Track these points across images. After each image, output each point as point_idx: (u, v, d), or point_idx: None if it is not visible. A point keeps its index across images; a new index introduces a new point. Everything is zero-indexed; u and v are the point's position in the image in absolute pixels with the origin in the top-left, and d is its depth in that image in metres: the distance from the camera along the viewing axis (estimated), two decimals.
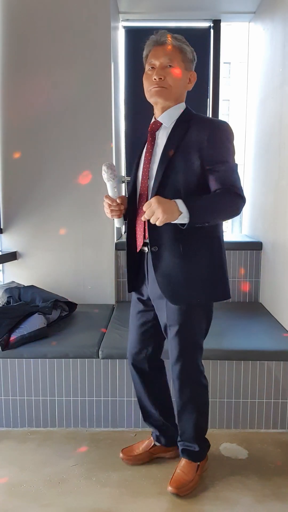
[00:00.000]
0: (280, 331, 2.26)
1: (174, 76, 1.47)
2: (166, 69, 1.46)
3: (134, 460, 1.78)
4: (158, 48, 1.48)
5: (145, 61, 1.52)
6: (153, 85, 1.46)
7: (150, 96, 1.50)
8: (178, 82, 1.49)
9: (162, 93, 1.46)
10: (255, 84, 3.13)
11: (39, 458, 1.85)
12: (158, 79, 1.45)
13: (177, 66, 1.47)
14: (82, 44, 2.63)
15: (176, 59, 1.47)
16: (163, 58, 1.46)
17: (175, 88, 1.48)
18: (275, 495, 1.63)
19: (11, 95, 2.67)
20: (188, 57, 1.51)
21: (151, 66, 1.48)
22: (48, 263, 2.79)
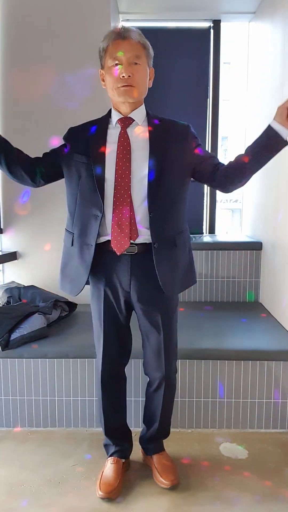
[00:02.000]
0: (280, 331, 2.26)
1: (142, 73, 1.44)
2: (133, 66, 1.41)
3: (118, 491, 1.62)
4: (122, 42, 1.41)
5: (104, 54, 1.45)
6: (121, 82, 1.42)
7: (118, 94, 1.44)
8: (145, 80, 1.47)
9: (132, 91, 1.43)
10: (255, 84, 3.13)
11: (39, 458, 1.85)
12: (127, 77, 1.40)
13: (142, 63, 1.44)
14: (82, 44, 2.63)
15: (141, 55, 1.43)
16: (129, 54, 1.40)
17: (142, 86, 1.47)
18: (275, 495, 1.63)
19: (11, 95, 2.67)
20: (150, 53, 1.49)
21: (115, 62, 1.41)
22: (48, 263, 2.79)
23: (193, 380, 2.03)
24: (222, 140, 16.90)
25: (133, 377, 2.02)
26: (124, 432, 1.76)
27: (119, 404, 1.72)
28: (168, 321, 1.61)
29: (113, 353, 1.64)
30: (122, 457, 1.71)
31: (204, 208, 3.39)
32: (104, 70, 1.48)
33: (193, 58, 3.25)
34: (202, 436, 2.00)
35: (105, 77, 1.48)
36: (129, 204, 1.45)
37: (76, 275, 1.57)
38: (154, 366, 1.64)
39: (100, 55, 1.48)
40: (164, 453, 1.75)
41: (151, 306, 1.57)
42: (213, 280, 2.88)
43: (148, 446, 1.77)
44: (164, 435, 1.78)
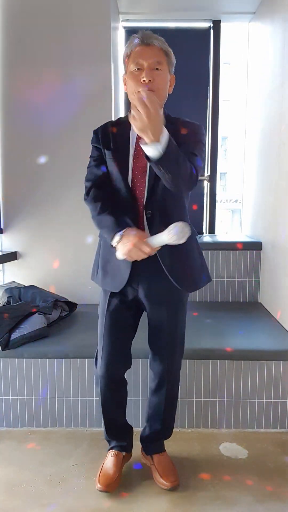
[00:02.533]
0: (280, 331, 2.26)
1: (162, 79, 1.47)
2: (154, 72, 1.44)
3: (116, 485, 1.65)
4: (144, 48, 1.44)
5: (127, 59, 1.49)
6: (142, 87, 1.44)
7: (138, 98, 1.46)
8: (165, 86, 1.50)
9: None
10: (255, 84, 3.13)
11: (39, 458, 1.85)
12: (148, 81, 1.43)
13: (164, 69, 1.47)
14: (82, 44, 2.64)
15: (163, 61, 1.46)
16: (151, 59, 1.43)
17: (162, 91, 1.49)
18: (275, 495, 1.63)
19: (11, 95, 2.67)
20: (172, 61, 1.52)
21: (137, 67, 1.44)
22: (48, 263, 2.79)
23: (193, 380, 2.03)
24: (222, 140, 16.90)
25: (133, 377, 2.02)
26: (124, 429, 1.77)
27: (120, 407, 1.73)
28: (176, 319, 1.63)
29: (113, 357, 1.62)
30: (123, 451, 1.73)
31: (204, 208, 3.40)
32: (127, 75, 1.50)
33: (193, 58, 3.25)
34: (202, 436, 2.00)
35: (127, 81, 1.50)
36: (142, 204, 1.51)
37: (118, 270, 1.56)
38: (159, 361, 1.65)
39: (124, 60, 1.52)
40: (165, 453, 1.75)
41: (159, 302, 1.58)
42: (213, 280, 2.87)
43: (149, 445, 1.77)
44: (166, 435, 1.78)
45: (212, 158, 3.31)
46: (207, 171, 3.33)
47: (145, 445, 1.78)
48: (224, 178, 20.67)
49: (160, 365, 1.65)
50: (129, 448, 1.77)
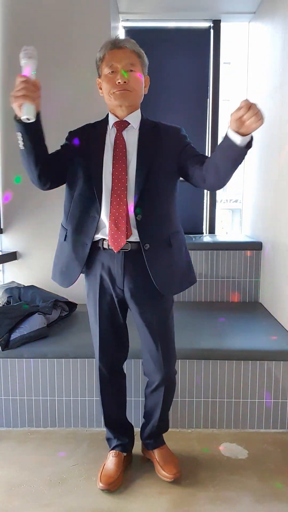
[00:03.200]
0: (280, 331, 2.26)
1: (137, 80, 1.50)
2: (128, 73, 1.47)
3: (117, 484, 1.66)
4: (117, 51, 1.48)
5: (101, 63, 1.52)
6: (116, 88, 1.47)
7: (114, 98, 1.49)
8: (140, 86, 1.53)
9: (127, 95, 1.49)
10: (255, 84, 3.13)
11: (39, 458, 1.85)
12: (123, 82, 1.46)
13: (137, 70, 1.50)
14: (82, 44, 2.64)
15: (136, 63, 1.49)
16: (124, 61, 1.46)
17: (137, 92, 1.52)
18: (275, 495, 1.63)
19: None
20: (145, 62, 1.54)
21: (111, 70, 1.47)
22: (48, 263, 2.77)
23: (193, 380, 2.03)
24: None
25: (133, 377, 2.02)
26: (124, 427, 1.78)
27: (118, 399, 1.75)
28: (163, 321, 1.63)
29: (109, 350, 1.66)
30: (124, 451, 1.74)
31: (204, 208, 3.40)
32: (101, 78, 1.54)
33: (193, 58, 3.25)
34: (202, 436, 2.00)
35: (102, 84, 1.54)
36: (125, 204, 1.49)
37: (67, 268, 1.60)
38: (153, 368, 1.65)
39: (97, 64, 1.55)
40: (165, 446, 1.78)
41: (145, 304, 1.58)
42: (213, 280, 2.88)
43: (149, 441, 1.79)
44: (163, 429, 1.80)
45: None
46: None
47: (145, 441, 1.80)
48: None
49: (157, 374, 1.64)
50: (130, 447, 1.78)
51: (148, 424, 1.76)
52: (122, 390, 1.77)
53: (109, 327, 1.64)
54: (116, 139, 1.52)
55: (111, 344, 1.66)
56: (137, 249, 1.52)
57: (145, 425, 1.78)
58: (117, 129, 1.54)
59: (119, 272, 1.55)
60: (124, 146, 1.51)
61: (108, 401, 1.72)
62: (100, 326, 1.63)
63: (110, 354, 1.67)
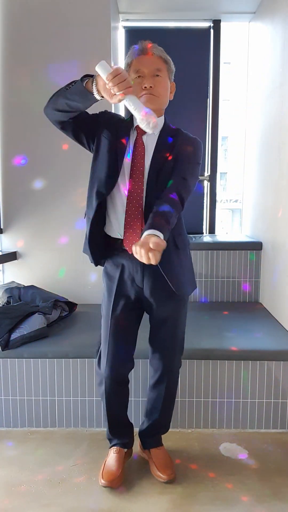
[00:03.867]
0: (280, 331, 2.26)
1: (163, 85, 1.52)
2: (154, 78, 1.50)
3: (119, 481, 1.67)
4: (144, 57, 1.50)
5: (128, 69, 1.54)
6: (143, 92, 1.49)
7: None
8: (166, 92, 1.55)
9: (153, 100, 1.50)
10: (255, 84, 3.13)
11: (39, 458, 1.85)
12: (149, 87, 1.48)
13: (163, 76, 1.52)
14: (82, 44, 2.64)
15: (163, 69, 1.51)
16: (151, 67, 1.49)
17: (163, 97, 1.54)
18: (275, 495, 1.63)
19: (11, 95, 2.67)
20: (171, 68, 1.57)
21: (138, 74, 1.50)
22: (48, 263, 2.79)
23: (193, 380, 2.03)
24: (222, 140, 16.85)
25: (133, 377, 2.01)
26: (125, 426, 1.79)
27: (122, 403, 1.76)
28: (178, 317, 1.66)
29: (119, 363, 1.65)
30: (124, 447, 1.76)
31: (204, 208, 3.39)
32: None
33: (193, 58, 3.25)
34: (202, 436, 2.00)
35: None
36: (141, 206, 1.51)
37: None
38: (159, 358, 1.68)
39: (126, 70, 1.55)
40: (162, 447, 1.79)
41: (163, 301, 1.60)
42: (213, 280, 2.88)
43: (147, 439, 1.80)
44: (163, 429, 1.81)
45: (212, 158, 3.31)
46: (207, 171, 3.33)
47: (144, 439, 1.81)
48: (224, 178, 20.67)
49: (161, 363, 1.68)
50: (131, 444, 1.80)
51: (149, 422, 1.77)
52: (126, 394, 1.77)
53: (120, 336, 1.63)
54: (136, 143, 1.55)
55: (121, 359, 1.65)
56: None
57: (146, 421, 1.79)
58: (138, 132, 1.56)
59: (139, 271, 1.57)
60: (143, 150, 1.54)
61: (112, 405, 1.71)
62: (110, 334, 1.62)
63: (118, 364, 1.66)
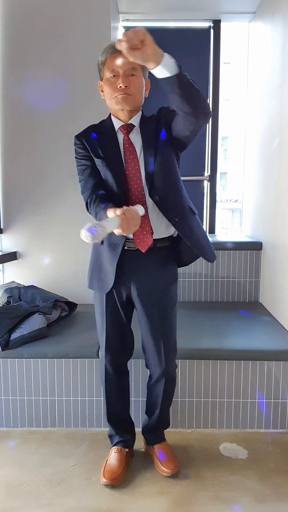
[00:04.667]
0: (280, 331, 2.26)
1: (138, 84, 1.53)
2: (129, 77, 1.51)
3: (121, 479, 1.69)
4: (119, 55, 1.48)
5: (102, 67, 1.54)
6: (118, 92, 1.50)
7: (116, 102, 1.52)
8: (141, 90, 1.56)
9: (129, 99, 1.52)
10: (255, 84, 3.13)
11: (39, 458, 1.85)
12: (124, 87, 1.49)
13: (138, 75, 1.53)
14: (82, 44, 2.63)
15: (137, 67, 1.51)
16: (126, 66, 1.49)
17: (138, 96, 1.55)
18: (275, 495, 1.63)
19: (11, 95, 2.67)
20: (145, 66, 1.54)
21: (113, 74, 1.50)
22: (48, 263, 2.79)
23: (193, 380, 2.03)
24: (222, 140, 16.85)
25: (134, 377, 2.01)
26: (127, 423, 1.82)
27: (122, 396, 1.79)
28: (167, 317, 1.66)
29: (115, 348, 1.71)
30: (126, 447, 1.78)
31: (204, 208, 3.39)
32: (103, 81, 1.57)
33: (193, 58, 3.25)
34: (202, 436, 2.00)
35: (104, 88, 1.57)
36: (144, 204, 1.53)
37: (105, 273, 1.63)
38: (154, 362, 1.69)
39: (99, 67, 1.57)
40: (165, 443, 1.82)
41: (150, 300, 1.62)
42: (213, 280, 2.88)
43: (150, 436, 1.83)
44: (164, 424, 1.84)
45: (212, 158, 3.31)
46: (207, 171, 3.33)
47: (147, 436, 1.84)
48: (224, 178, 20.67)
49: (157, 367, 1.70)
50: (132, 443, 1.82)
51: (150, 418, 1.80)
52: (126, 387, 1.80)
53: (115, 327, 1.68)
54: (125, 143, 1.57)
55: (117, 343, 1.70)
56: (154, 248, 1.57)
57: (147, 420, 1.82)
58: (123, 132, 1.58)
59: (126, 269, 1.59)
60: (134, 149, 1.56)
61: (112, 398, 1.75)
62: (106, 327, 1.67)
63: (116, 352, 1.71)
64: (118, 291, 1.64)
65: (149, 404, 1.80)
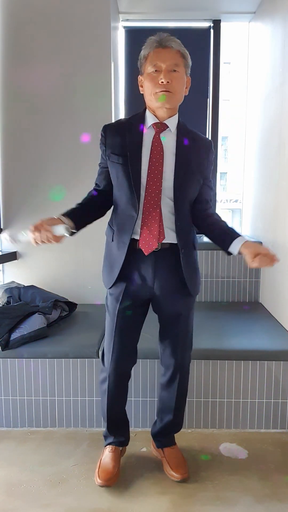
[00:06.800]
0: (280, 331, 2.26)
1: (180, 81, 1.49)
2: (172, 73, 1.46)
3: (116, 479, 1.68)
4: (162, 50, 1.46)
5: (144, 61, 1.50)
6: (160, 88, 1.46)
7: (156, 99, 1.48)
8: (182, 87, 1.52)
9: (170, 97, 1.48)
10: (255, 84, 3.13)
11: (39, 458, 1.85)
12: (166, 83, 1.45)
13: (181, 71, 1.49)
14: (82, 44, 2.64)
15: (180, 64, 1.48)
16: (169, 61, 1.45)
17: (179, 93, 1.51)
18: (275, 495, 1.63)
19: (11, 95, 2.67)
20: (188, 63, 1.54)
21: (155, 69, 1.46)
22: (48, 263, 2.79)
23: (193, 380, 2.03)
24: (222, 140, 16.87)
25: (135, 377, 2.01)
26: (123, 423, 1.80)
27: (122, 399, 1.76)
28: (187, 315, 1.67)
29: (121, 356, 1.66)
30: (119, 446, 1.76)
31: None
32: (144, 76, 1.52)
33: (193, 58, 3.22)
34: (202, 436, 2.00)
35: (144, 83, 1.52)
36: (159, 207, 1.51)
37: (111, 268, 1.61)
38: (171, 355, 1.68)
39: (140, 62, 1.53)
40: (175, 447, 1.80)
41: (174, 300, 1.61)
42: (213, 280, 2.87)
43: (160, 439, 1.80)
44: (177, 428, 1.82)
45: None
46: None
47: (157, 439, 1.81)
48: (224, 178, 20.66)
49: (172, 359, 1.68)
50: (126, 442, 1.80)
51: (162, 420, 1.77)
52: (127, 390, 1.78)
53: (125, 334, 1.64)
54: (154, 141, 1.53)
55: (123, 351, 1.66)
56: (167, 250, 1.55)
57: (158, 422, 1.79)
58: (156, 131, 1.54)
59: (150, 271, 1.57)
60: (162, 149, 1.52)
61: (114, 402, 1.72)
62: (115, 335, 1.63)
63: (122, 361, 1.68)
64: (136, 292, 1.59)
65: (162, 407, 1.76)
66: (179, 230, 1.54)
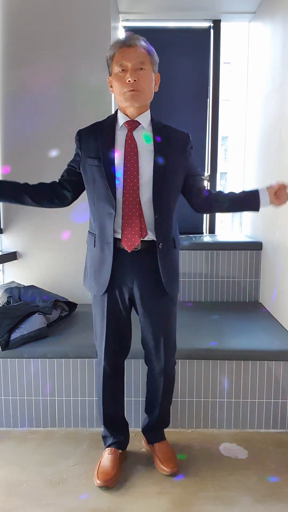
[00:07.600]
0: (280, 331, 2.26)
1: (147, 78, 1.51)
2: (138, 72, 1.48)
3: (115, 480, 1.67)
4: (127, 49, 1.48)
5: (111, 62, 1.52)
6: (127, 87, 1.48)
7: (125, 99, 1.51)
8: (150, 85, 1.54)
9: (138, 96, 1.50)
10: (255, 84, 3.13)
11: (39, 458, 1.85)
12: (133, 81, 1.47)
13: (147, 69, 1.50)
14: (82, 44, 2.64)
15: (146, 61, 1.50)
16: (134, 60, 1.47)
17: (147, 91, 1.53)
18: (275, 495, 1.63)
19: (12, 95, 2.67)
20: (155, 60, 1.55)
21: (121, 68, 1.48)
22: (48, 263, 2.79)
23: (193, 380, 2.03)
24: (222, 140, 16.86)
25: (133, 377, 2.02)
26: (121, 424, 1.80)
27: (117, 396, 1.77)
28: (168, 317, 1.67)
29: (114, 349, 1.69)
30: (119, 448, 1.76)
31: None
32: (112, 76, 1.54)
33: (193, 58, 3.25)
34: (202, 436, 2.00)
35: (113, 83, 1.55)
36: (138, 204, 1.52)
37: (100, 274, 1.61)
38: (153, 359, 1.70)
39: (107, 62, 1.55)
40: (165, 442, 1.81)
41: (152, 300, 1.61)
42: (213, 280, 2.87)
43: (150, 435, 1.82)
44: (164, 423, 1.83)
45: (212, 158, 3.31)
46: (207, 171, 3.33)
47: (147, 435, 1.84)
48: (224, 178, 20.67)
49: (156, 364, 1.70)
50: (125, 445, 1.81)
51: (150, 417, 1.80)
52: (121, 387, 1.79)
53: (115, 326, 1.66)
54: (127, 139, 1.54)
55: (116, 343, 1.69)
56: (146, 248, 1.56)
57: (147, 418, 1.82)
58: (127, 129, 1.56)
59: (130, 271, 1.58)
60: (136, 146, 1.54)
61: (108, 399, 1.74)
62: (107, 326, 1.65)
63: (115, 352, 1.70)
64: (120, 292, 1.61)
65: (149, 402, 1.80)
66: (157, 224, 1.54)
